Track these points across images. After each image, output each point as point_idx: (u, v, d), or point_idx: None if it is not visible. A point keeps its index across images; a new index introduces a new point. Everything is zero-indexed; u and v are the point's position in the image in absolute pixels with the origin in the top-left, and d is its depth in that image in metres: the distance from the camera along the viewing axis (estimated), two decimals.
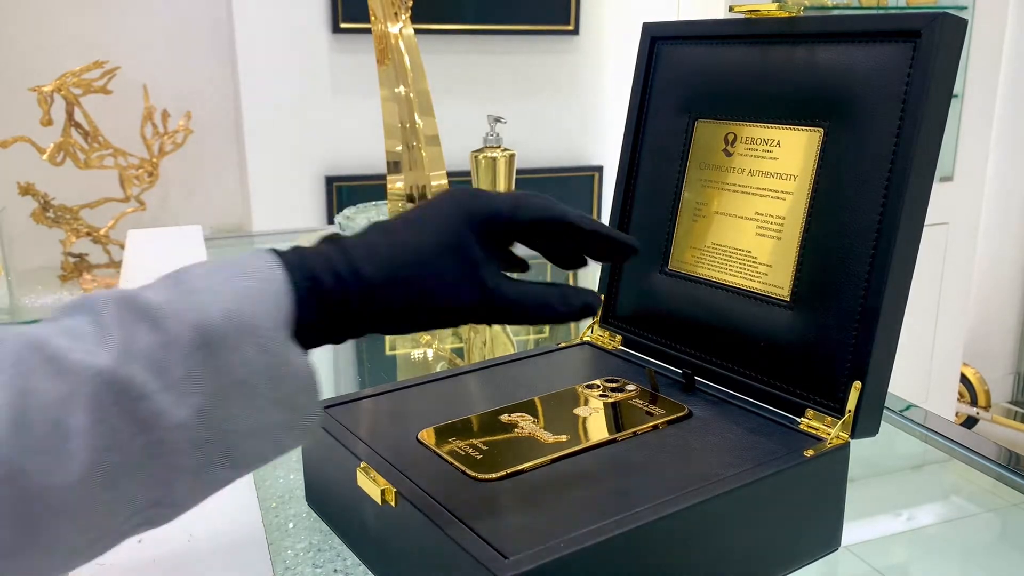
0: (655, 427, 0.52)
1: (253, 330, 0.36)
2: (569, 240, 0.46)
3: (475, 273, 0.41)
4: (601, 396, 0.57)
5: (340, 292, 0.39)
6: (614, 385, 0.58)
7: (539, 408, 0.55)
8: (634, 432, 0.51)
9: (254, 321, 0.36)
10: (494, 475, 0.46)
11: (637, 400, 0.56)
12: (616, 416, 0.54)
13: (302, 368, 0.38)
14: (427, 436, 0.51)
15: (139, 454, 0.34)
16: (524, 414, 0.53)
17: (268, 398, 0.37)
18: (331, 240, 0.41)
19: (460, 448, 0.49)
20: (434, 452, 0.49)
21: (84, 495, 0.33)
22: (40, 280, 1.88)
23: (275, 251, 0.39)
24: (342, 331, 0.40)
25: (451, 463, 0.47)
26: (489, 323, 0.44)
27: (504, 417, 0.53)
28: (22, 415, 0.32)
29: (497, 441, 0.50)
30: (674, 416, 0.54)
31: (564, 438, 0.50)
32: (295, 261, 0.39)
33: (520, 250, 0.47)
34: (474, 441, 0.50)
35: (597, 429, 0.52)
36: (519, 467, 0.47)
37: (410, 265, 0.40)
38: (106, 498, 0.34)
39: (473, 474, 0.46)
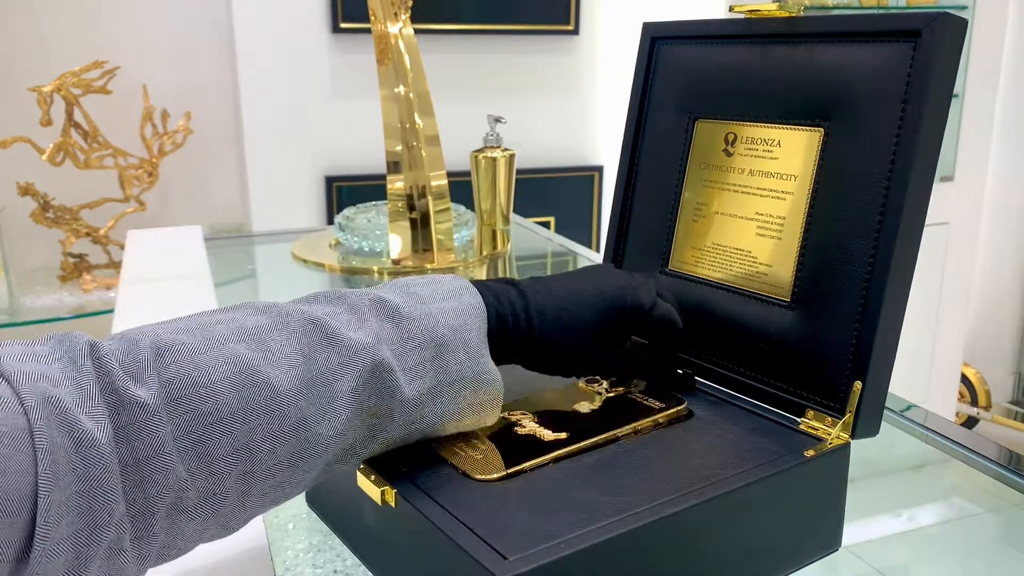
0: (656, 423, 0.52)
1: (466, 342, 0.47)
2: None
3: (603, 352, 0.54)
4: (601, 392, 0.57)
5: (515, 333, 0.50)
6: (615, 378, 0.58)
7: (540, 404, 0.55)
8: (635, 430, 0.51)
9: (468, 335, 0.47)
10: (494, 475, 0.46)
11: (637, 394, 0.56)
12: (616, 412, 0.54)
13: (496, 381, 0.48)
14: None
15: (375, 418, 0.44)
16: (525, 412, 0.53)
17: (468, 400, 0.47)
18: (511, 283, 0.52)
19: (460, 448, 0.49)
20: (434, 452, 0.48)
21: (333, 446, 0.43)
22: (40, 280, 1.89)
23: (470, 281, 0.51)
24: (502, 361, 0.50)
25: (451, 463, 0.47)
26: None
27: (505, 414, 0.53)
28: (308, 376, 0.41)
29: (497, 439, 0.50)
30: (675, 412, 0.53)
31: (564, 435, 0.50)
32: (487, 294, 0.50)
33: None
34: (474, 441, 0.50)
35: (597, 425, 0.52)
36: (519, 467, 0.47)
37: (566, 336, 0.51)
38: (340, 447, 0.43)
39: (473, 474, 0.46)
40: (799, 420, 0.53)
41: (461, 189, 1.28)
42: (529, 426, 0.52)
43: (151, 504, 0.37)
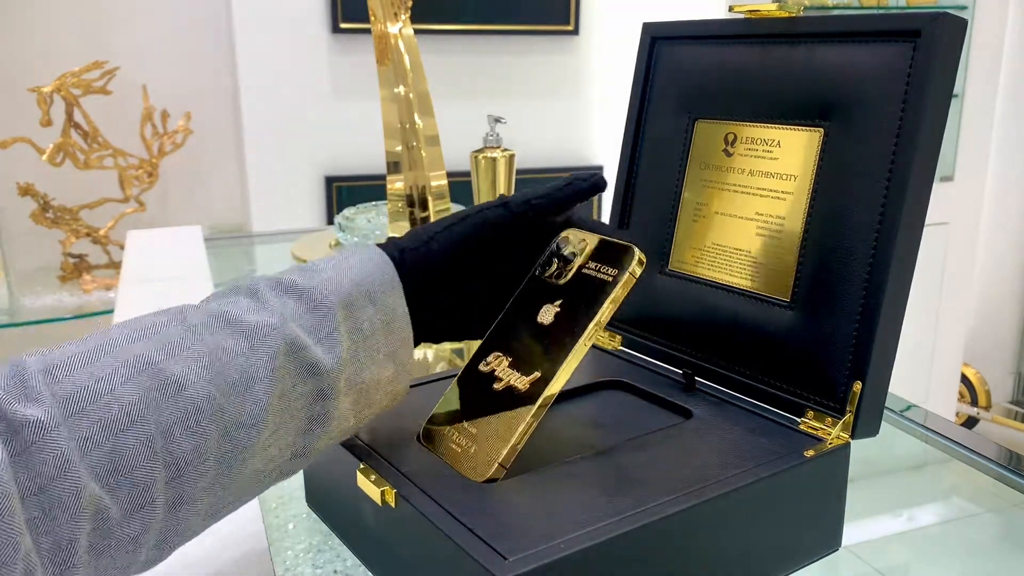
0: (615, 300, 0.49)
1: (371, 292, 0.46)
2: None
3: (503, 201, 0.52)
4: (556, 278, 0.52)
5: (415, 253, 0.49)
6: (565, 250, 0.53)
7: (509, 338, 0.51)
8: (599, 321, 0.48)
9: (372, 286, 0.46)
10: (491, 472, 0.45)
11: (590, 269, 0.51)
12: (579, 303, 0.50)
13: (404, 322, 0.47)
14: (423, 432, 0.50)
15: (304, 400, 0.42)
16: (498, 355, 0.51)
17: (384, 351, 0.46)
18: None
19: (455, 441, 0.48)
20: (434, 453, 0.48)
21: (260, 437, 0.40)
22: (40, 281, 1.89)
23: (374, 244, 0.50)
24: (432, 294, 0.49)
25: (451, 465, 0.47)
26: (534, 234, 0.53)
27: (482, 367, 0.51)
28: (218, 366, 0.39)
29: (483, 411, 0.49)
30: (628, 276, 0.49)
31: (537, 374, 0.48)
32: (387, 243, 0.49)
33: None
34: (464, 425, 0.49)
35: (562, 343, 0.49)
36: (511, 443, 0.46)
37: (460, 239, 0.50)
38: (271, 443, 0.41)
39: (472, 476, 0.46)
40: (799, 420, 0.53)
41: (461, 189, 1.28)
42: (505, 376, 0.49)
43: (66, 533, 0.34)
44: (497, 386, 0.49)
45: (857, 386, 0.50)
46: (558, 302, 0.51)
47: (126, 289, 1.06)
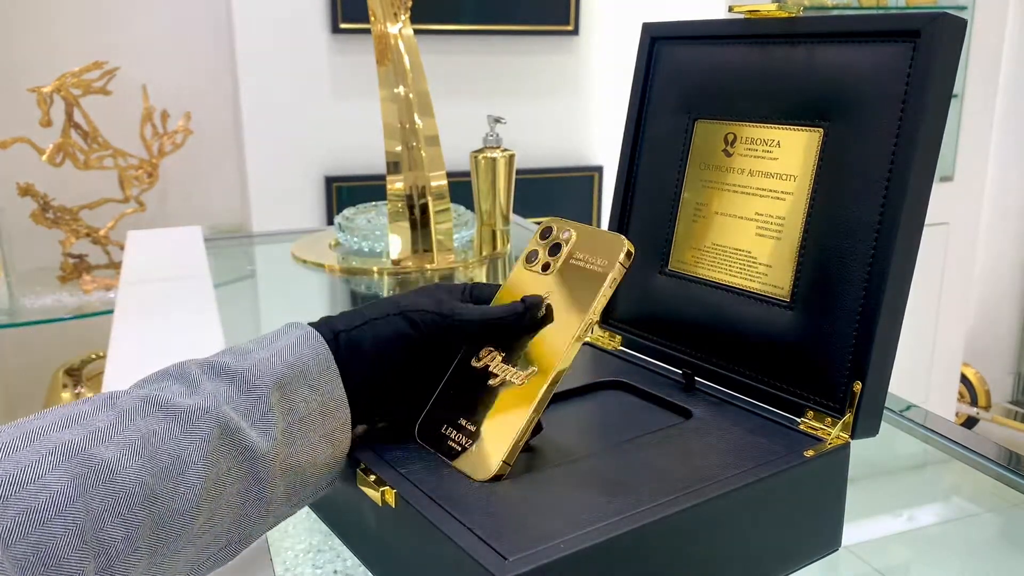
0: (614, 281, 0.48)
1: (306, 373, 0.45)
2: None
3: (440, 298, 0.51)
4: (544, 271, 0.52)
5: (354, 335, 0.47)
6: (551, 240, 0.53)
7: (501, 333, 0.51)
8: (596, 311, 0.48)
9: (306, 367, 0.45)
10: (492, 471, 0.45)
11: (578, 260, 0.51)
12: (568, 302, 0.49)
13: (341, 404, 0.46)
14: (420, 430, 0.50)
15: (239, 484, 0.41)
16: (490, 350, 0.50)
17: (320, 433, 0.45)
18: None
19: (454, 440, 0.48)
20: (434, 453, 0.48)
21: (194, 524, 0.39)
22: (40, 281, 1.88)
23: (305, 324, 0.48)
24: (367, 376, 0.47)
25: (452, 464, 0.47)
26: (465, 343, 0.51)
27: (475, 363, 0.50)
28: (151, 450, 0.38)
29: (480, 408, 0.48)
30: (622, 262, 0.49)
31: (535, 369, 0.48)
32: (320, 322, 0.48)
33: None
34: (462, 423, 0.48)
35: (557, 337, 0.48)
36: (512, 440, 0.45)
37: (384, 327, 0.49)
38: (205, 530, 0.40)
39: (474, 476, 0.46)
40: (799, 420, 0.53)
41: (461, 189, 1.28)
42: (499, 369, 0.49)
43: None
44: (492, 382, 0.49)
45: (857, 386, 0.50)
46: (549, 295, 0.50)
47: (126, 289, 1.06)
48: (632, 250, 0.49)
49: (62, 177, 1.85)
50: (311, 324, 0.48)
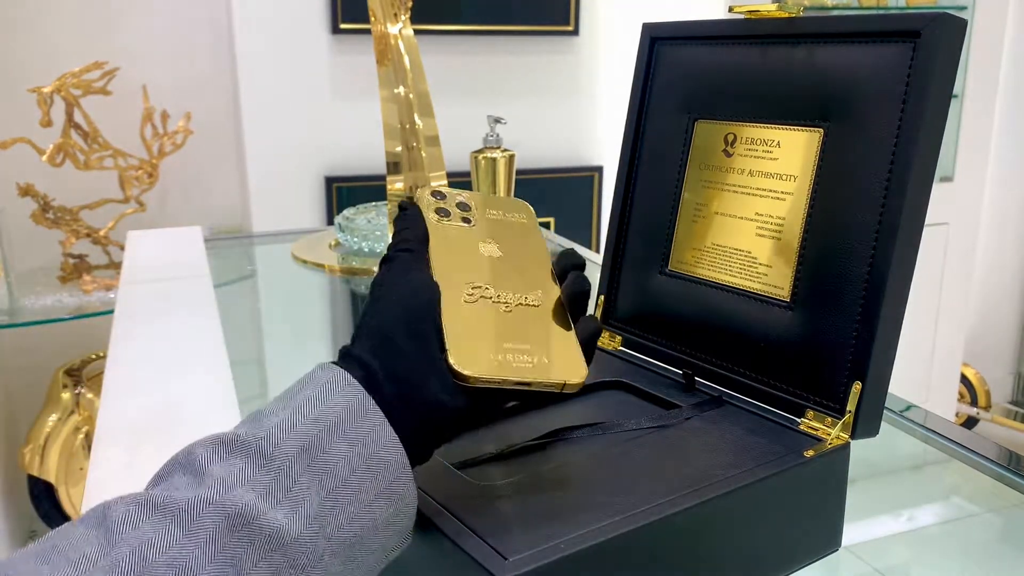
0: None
1: (339, 426, 0.37)
2: None
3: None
4: (467, 224, 0.48)
5: (392, 371, 0.40)
6: (450, 201, 0.49)
7: (473, 275, 0.45)
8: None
9: (339, 419, 0.37)
10: (584, 372, 0.42)
11: (494, 215, 0.49)
12: (517, 244, 0.47)
13: (393, 452, 0.38)
14: (462, 361, 0.41)
15: None
16: (476, 285, 0.44)
17: (372, 491, 0.37)
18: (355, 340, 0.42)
19: (518, 360, 0.41)
20: (497, 379, 0.42)
21: None
22: (40, 281, 1.88)
23: (331, 364, 0.40)
24: (417, 417, 0.40)
25: (533, 381, 0.41)
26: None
27: (468, 300, 0.43)
28: (143, 567, 0.32)
29: (515, 328, 0.43)
30: (525, 212, 0.48)
31: (540, 292, 0.45)
32: (351, 354, 0.40)
33: None
34: (509, 345, 0.42)
35: (536, 266, 0.47)
36: (580, 347, 0.43)
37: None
38: None
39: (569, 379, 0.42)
40: (799, 420, 0.53)
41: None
42: (506, 296, 0.44)
43: None
44: (506, 308, 0.43)
45: (857, 386, 0.50)
46: (490, 242, 0.47)
47: (126, 290, 1.06)
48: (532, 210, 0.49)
49: (62, 177, 1.85)
50: (340, 359, 0.41)
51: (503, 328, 0.42)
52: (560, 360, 0.41)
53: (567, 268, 0.48)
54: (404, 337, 0.40)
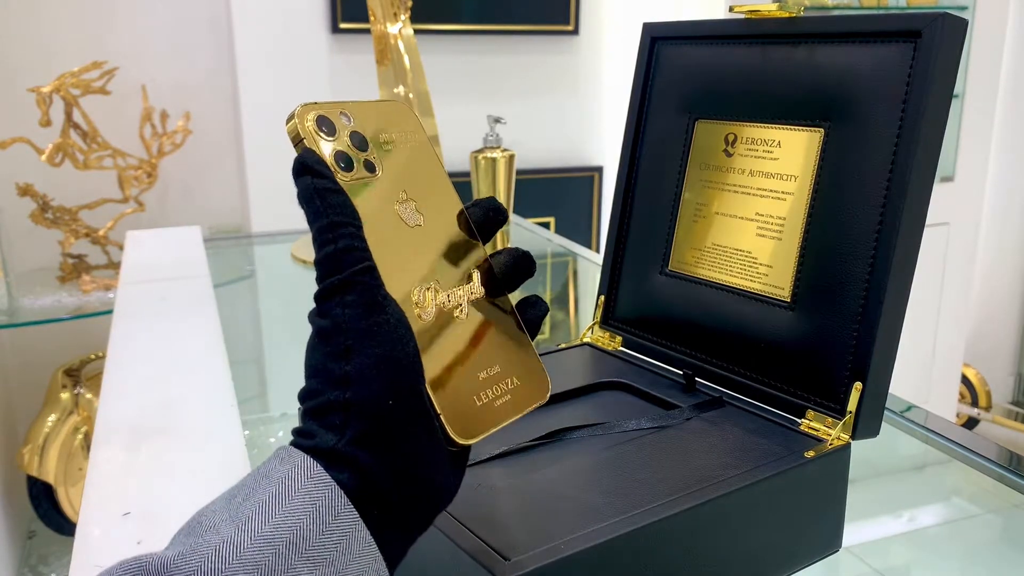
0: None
1: (297, 545, 0.29)
2: None
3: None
4: (372, 174, 0.39)
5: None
6: (340, 134, 0.40)
7: (402, 264, 0.38)
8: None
9: (298, 535, 0.29)
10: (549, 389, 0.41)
11: (384, 139, 0.40)
12: (429, 195, 0.42)
13: (366, 555, 0.31)
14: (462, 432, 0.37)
15: None
16: (418, 289, 0.38)
17: None
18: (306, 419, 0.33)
19: (490, 394, 0.39)
20: (486, 427, 0.40)
21: None
22: (39, 281, 1.88)
23: (292, 447, 0.32)
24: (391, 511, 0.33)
25: (511, 417, 0.40)
26: None
27: (418, 311, 0.37)
28: None
29: (475, 350, 0.39)
30: (409, 121, 0.41)
31: (471, 273, 0.41)
32: (327, 451, 0.32)
33: None
34: (480, 377, 0.39)
35: (463, 234, 0.43)
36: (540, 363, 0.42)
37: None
38: None
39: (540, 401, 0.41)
40: (799, 421, 0.53)
41: (461, 189, 1.27)
42: (451, 298, 0.39)
43: None
44: (458, 315, 0.39)
45: (857, 387, 0.50)
46: (405, 198, 0.40)
47: (125, 290, 1.06)
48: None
49: (61, 177, 1.84)
50: (296, 436, 0.33)
51: (469, 351, 0.38)
52: (527, 374, 0.40)
53: (484, 217, 0.43)
54: (404, 420, 0.33)
